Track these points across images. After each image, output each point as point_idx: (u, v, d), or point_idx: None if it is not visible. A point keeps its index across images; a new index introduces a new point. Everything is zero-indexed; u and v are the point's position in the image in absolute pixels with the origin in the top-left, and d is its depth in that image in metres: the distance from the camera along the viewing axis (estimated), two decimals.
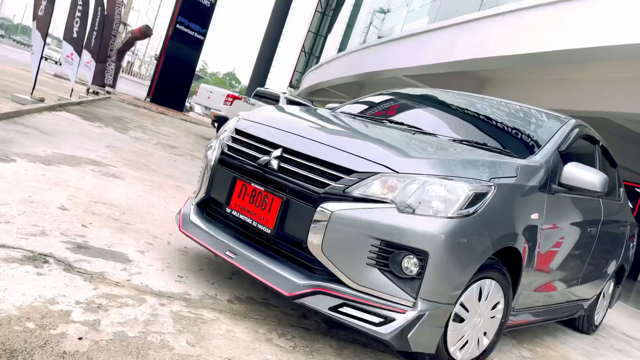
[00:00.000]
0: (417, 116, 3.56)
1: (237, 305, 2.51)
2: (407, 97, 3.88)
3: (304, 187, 2.27)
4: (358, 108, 3.65)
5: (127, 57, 30.09)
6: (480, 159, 2.51)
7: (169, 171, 5.84)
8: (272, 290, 2.23)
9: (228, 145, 2.68)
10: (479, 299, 2.44)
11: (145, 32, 19.04)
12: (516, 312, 2.93)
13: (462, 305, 2.37)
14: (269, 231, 2.33)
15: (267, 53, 23.00)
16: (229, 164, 2.60)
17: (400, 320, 2.12)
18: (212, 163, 2.67)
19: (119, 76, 21.74)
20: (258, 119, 2.74)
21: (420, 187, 2.19)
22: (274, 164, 2.39)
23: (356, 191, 2.19)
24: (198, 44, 20.59)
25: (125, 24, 18.88)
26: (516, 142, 3.13)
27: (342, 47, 22.86)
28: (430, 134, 2.97)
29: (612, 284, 4.52)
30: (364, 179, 2.20)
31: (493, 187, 2.35)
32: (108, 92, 17.53)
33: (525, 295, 2.92)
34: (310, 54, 31.51)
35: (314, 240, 2.18)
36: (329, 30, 30.91)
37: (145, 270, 2.56)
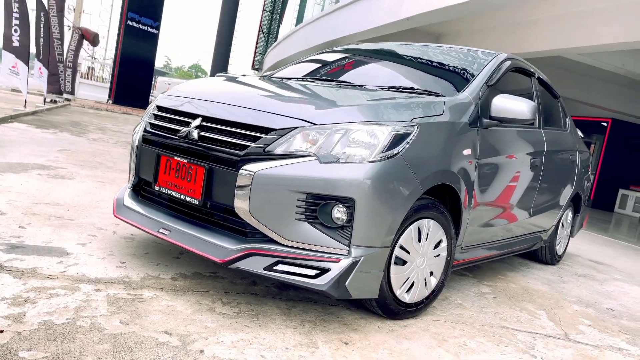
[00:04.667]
0: (349, 71, 3.52)
1: (182, 281, 2.49)
2: (348, 52, 3.83)
3: (224, 152, 2.24)
4: (292, 71, 3.61)
5: (87, 62, 29.33)
6: (402, 101, 2.50)
7: (126, 167, 5.75)
8: (208, 260, 2.22)
9: (150, 123, 2.63)
10: (419, 240, 2.46)
11: (93, 40, 18.39)
12: (465, 249, 2.96)
13: (402, 247, 2.38)
14: (197, 202, 2.30)
15: (225, 37, 22.57)
16: (152, 142, 2.56)
17: (336, 269, 2.13)
18: (136, 144, 2.63)
19: (77, 82, 21.23)
20: (178, 93, 2.69)
21: (341, 136, 2.18)
22: (194, 133, 2.34)
23: (278, 149, 2.17)
24: (152, 38, 20.16)
25: (79, 28, 18.20)
26: (447, 82, 3.11)
27: (299, 21, 22.54)
28: (357, 85, 2.95)
29: (570, 213, 4.60)
30: (283, 136, 2.18)
31: (415, 127, 2.35)
32: (67, 99, 17.12)
33: (472, 232, 2.95)
34: (269, 34, 30.99)
35: (240, 204, 2.16)
36: (283, 6, 30.41)
37: (83, 260, 2.52)
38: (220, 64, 22.31)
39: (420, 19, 8.85)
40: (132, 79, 19.56)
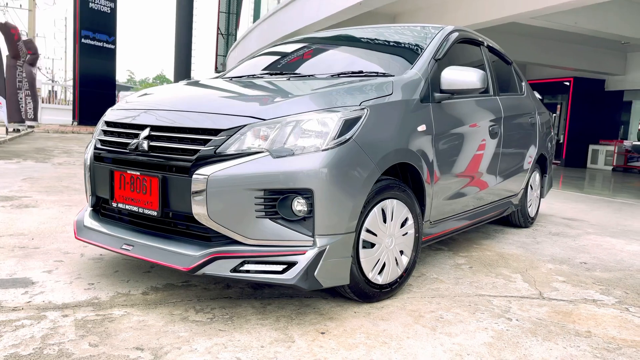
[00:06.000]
0: (301, 62, 3.50)
1: (153, 295, 2.46)
2: (301, 42, 3.81)
3: (176, 159, 2.21)
4: (243, 69, 3.58)
5: (47, 86, 28.68)
6: (351, 86, 2.49)
7: None
8: (174, 270, 2.19)
9: (100, 140, 2.58)
10: (384, 221, 2.47)
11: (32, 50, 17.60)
12: (434, 223, 2.98)
13: (368, 230, 2.38)
14: (155, 213, 2.27)
15: (183, 44, 22.28)
16: (104, 158, 2.51)
17: (303, 261, 2.12)
18: (88, 162, 2.58)
19: (40, 107, 20.75)
20: (125, 106, 2.64)
21: (292, 128, 2.16)
22: (144, 144, 2.31)
23: (230, 149, 2.15)
24: (110, 54, 19.84)
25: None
26: (400, 61, 3.11)
27: (256, 18, 22.40)
28: (307, 76, 2.93)
29: (537, 175, 4.67)
30: (232, 135, 2.16)
31: (365, 110, 2.35)
32: (30, 127, 16.76)
33: (439, 205, 2.97)
34: (228, 35, 30.68)
35: (198, 209, 2.13)
36: (239, 6, 30.11)
37: (50, 287, 2.47)
38: (183, 70, 22.06)
39: (372, 2, 8.84)
40: (95, 97, 19.24)
